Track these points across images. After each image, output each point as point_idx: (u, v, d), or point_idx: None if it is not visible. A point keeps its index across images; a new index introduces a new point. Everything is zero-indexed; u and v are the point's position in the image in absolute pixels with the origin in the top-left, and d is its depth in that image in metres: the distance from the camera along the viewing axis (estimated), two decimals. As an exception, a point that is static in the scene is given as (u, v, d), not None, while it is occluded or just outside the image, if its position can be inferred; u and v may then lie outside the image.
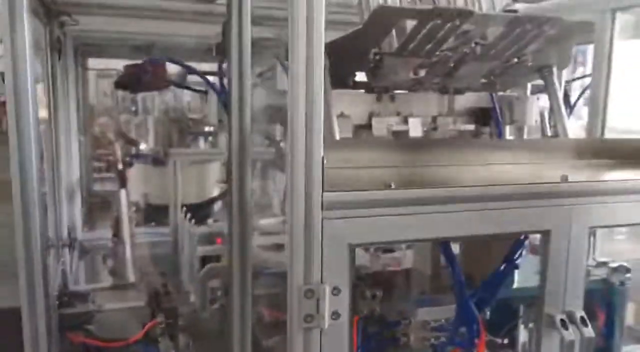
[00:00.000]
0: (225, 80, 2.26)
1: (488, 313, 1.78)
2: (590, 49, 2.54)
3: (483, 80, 2.08)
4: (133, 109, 6.04)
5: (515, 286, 1.82)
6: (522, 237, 1.60)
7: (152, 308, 2.58)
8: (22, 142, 1.58)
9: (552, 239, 1.44)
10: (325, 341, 1.27)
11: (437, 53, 1.82)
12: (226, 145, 1.93)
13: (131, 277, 2.91)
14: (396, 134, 2.28)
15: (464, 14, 1.61)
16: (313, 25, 1.16)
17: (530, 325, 2.18)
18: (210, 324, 2.67)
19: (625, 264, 1.84)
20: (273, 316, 2.38)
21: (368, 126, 2.31)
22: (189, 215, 3.15)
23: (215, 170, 5.11)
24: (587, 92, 2.55)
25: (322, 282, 1.24)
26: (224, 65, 2.39)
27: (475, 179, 1.50)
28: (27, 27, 1.53)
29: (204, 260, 3.03)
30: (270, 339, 2.32)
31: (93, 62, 6.10)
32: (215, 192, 4.76)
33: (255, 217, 2.76)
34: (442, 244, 1.58)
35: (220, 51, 2.14)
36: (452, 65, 1.90)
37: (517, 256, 1.62)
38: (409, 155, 1.65)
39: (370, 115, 2.30)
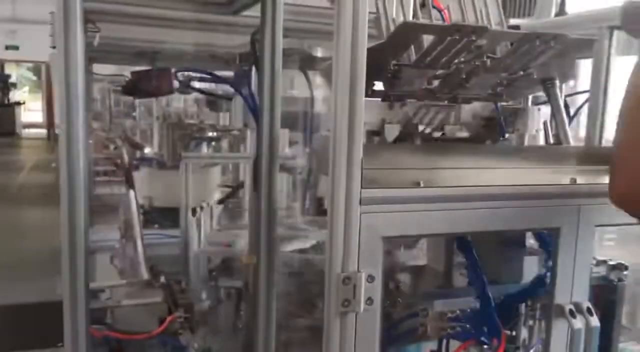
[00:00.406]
0: (246, 88, 2.40)
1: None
2: (583, 62, 2.71)
3: (489, 91, 2.23)
4: (134, 114, 6.15)
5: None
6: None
7: (169, 304, 2.69)
8: (71, 146, 1.70)
9: (562, 235, 1.58)
10: (360, 324, 1.40)
11: (451, 65, 1.97)
12: (254, 150, 2.04)
13: (145, 274, 3.02)
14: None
15: (480, 30, 1.76)
16: (357, 39, 1.30)
17: (530, 321, 2.35)
18: (226, 320, 2.79)
19: (623, 262, 1.99)
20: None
21: (380, 132, 2.45)
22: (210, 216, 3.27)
23: (216, 175, 5.24)
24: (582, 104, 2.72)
25: (358, 270, 1.37)
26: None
27: (491, 180, 1.64)
28: (80, 34, 1.64)
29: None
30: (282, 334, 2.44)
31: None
32: (216, 196, 4.87)
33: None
34: (463, 243, 1.71)
35: (246, 60, 2.27)
36: (463, 76, 2.05)
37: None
38: (425, 158, 1.79)
39: (383, 122, 2.45)
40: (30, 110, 25.74)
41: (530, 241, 2.00)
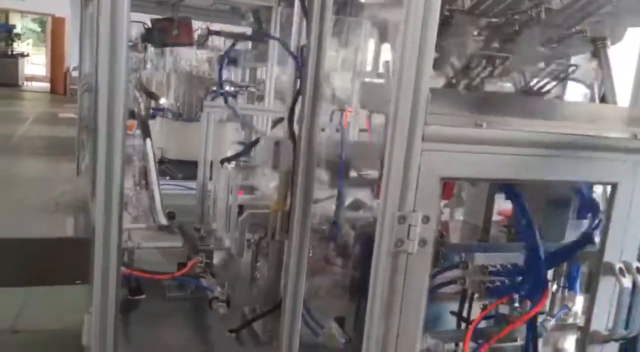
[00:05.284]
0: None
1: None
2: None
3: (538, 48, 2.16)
4: (147, 66, 6.06)
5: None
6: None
7: (189, 249, 2.66)
8: (112, 92, 1.65)
9: (618, 192, 1.53)
10: (410, 266, 1.35)
11: (506, 14, 1.90)
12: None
13: (163, 220, 2.98)
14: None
15: (542, -24, 1.69)
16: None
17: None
18: (247, 267, 2.75)
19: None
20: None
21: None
22: (227, 165, 3.22)
23: (230, 132, 5.18)
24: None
25: (414, 210, 1.32)
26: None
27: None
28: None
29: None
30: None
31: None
32: (230, 152, 4.82)
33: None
34: (512, 192, 1.65)
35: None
36: (516, 28, 1.97)
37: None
38: (480, 105, 1.73)
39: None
40: (33, 64, 25.48)
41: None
